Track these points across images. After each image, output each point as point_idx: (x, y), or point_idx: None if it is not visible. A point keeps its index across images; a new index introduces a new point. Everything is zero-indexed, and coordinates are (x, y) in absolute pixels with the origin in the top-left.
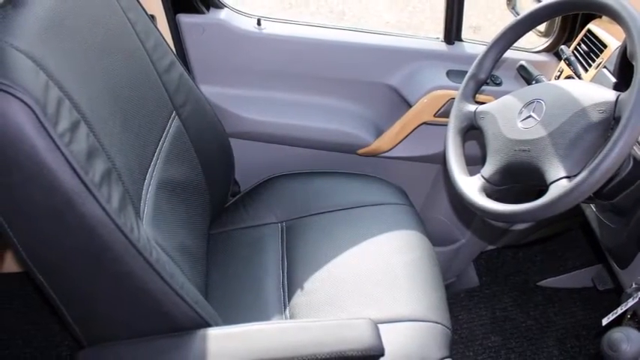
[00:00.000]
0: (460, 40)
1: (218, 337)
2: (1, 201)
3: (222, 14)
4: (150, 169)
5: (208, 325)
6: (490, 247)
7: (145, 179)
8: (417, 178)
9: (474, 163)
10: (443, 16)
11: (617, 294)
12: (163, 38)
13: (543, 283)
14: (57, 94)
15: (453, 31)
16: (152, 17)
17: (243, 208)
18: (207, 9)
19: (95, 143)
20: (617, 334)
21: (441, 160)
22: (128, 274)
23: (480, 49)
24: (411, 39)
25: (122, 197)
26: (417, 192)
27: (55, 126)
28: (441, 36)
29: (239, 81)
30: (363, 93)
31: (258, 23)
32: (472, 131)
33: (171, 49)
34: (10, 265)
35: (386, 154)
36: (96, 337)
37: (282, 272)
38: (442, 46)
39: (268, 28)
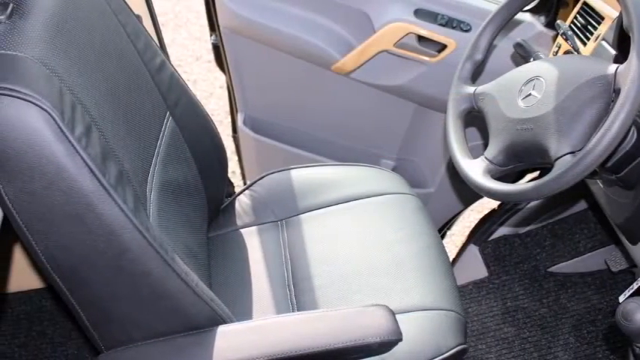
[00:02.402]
0: None
1: (237, 332)
2: (24, 208)
3: None
4: (151, 171)
5: (224, 322)
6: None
7: (147, 181)
8: (393, 118)
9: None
10: None
11: (632, 274)
12: (151, 38)
13: (554, 268)
14: (70, 99)
15: None
16: (139, 17)
17: (240, 208)
18: None
19: (106, 146)
20: (631, 304)
21: (408, 95)
22: (146, 273)
23: None
24: None
25: (135, 198)
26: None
27: (73, 130)
28: None
29: None
30: (339, 13)
31: None
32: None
33: (160, 48)
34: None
35: (353, 76)
36: (113, 341)
37: (287, 271)
38: None
39: None
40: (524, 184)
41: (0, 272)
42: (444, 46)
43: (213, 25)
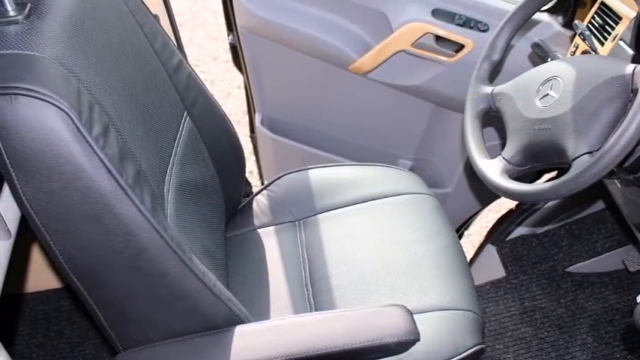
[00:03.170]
0: None
1: (254, 332)
2: (41, 208)
3: None
4: (168, 171)
5: (242, 322)
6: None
7: (164, 181)
8: (410, 118)
9: None
10: None
11: None
12: (168, 37)
13: (572, 268)
14: (88, 99)
15: None
16: (156, 17)
17: (258, 208)
18: None
19: (124, 146)
20: None
21: (426, 96)
22: (164, 273)
23: None
24: None
25: (152, 198)
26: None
27: (90, 130)
28: None
29: None
30: (357, 13)
31: None
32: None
33: (177, 48)
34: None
35: (370, 76)
36: (131, 341)
37: (304, 271)
38: None
39: None
40: (541, 184)
41: (18, 272)
42: (461, 46)
43: (230, 25)
